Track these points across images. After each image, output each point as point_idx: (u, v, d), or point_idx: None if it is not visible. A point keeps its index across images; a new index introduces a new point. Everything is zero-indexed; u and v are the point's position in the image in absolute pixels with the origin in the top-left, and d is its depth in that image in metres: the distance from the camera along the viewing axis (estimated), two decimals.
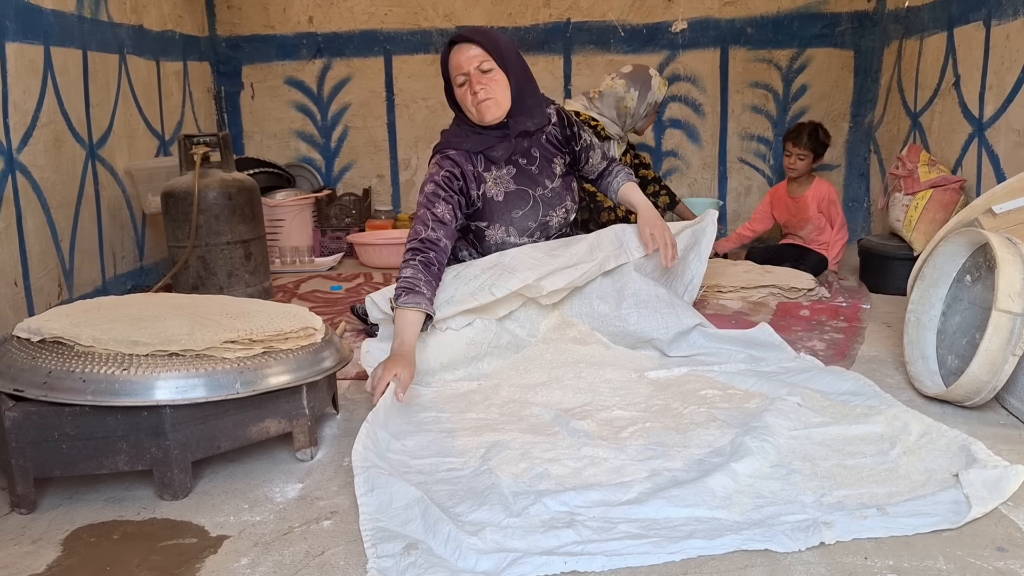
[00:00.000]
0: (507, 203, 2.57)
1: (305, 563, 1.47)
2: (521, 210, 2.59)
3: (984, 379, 1.98)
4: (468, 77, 2.43)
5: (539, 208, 2.61)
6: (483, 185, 2.54)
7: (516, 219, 2.59)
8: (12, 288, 2.67)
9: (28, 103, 2.83)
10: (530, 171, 2.59)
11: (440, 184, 2.45)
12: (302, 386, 1.85)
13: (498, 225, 2.58)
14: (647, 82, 3.63)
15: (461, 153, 2.51)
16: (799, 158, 3.75)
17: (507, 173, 2.56)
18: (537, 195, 2.60)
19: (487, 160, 2.54)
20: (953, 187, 3.25)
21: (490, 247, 2.62)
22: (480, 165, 2.54)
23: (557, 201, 2.65)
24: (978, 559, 1.44)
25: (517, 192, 2.57)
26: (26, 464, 1.66)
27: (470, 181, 2.51)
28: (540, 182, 2.61)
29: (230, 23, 4.63)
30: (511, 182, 2.57)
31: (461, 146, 2.52)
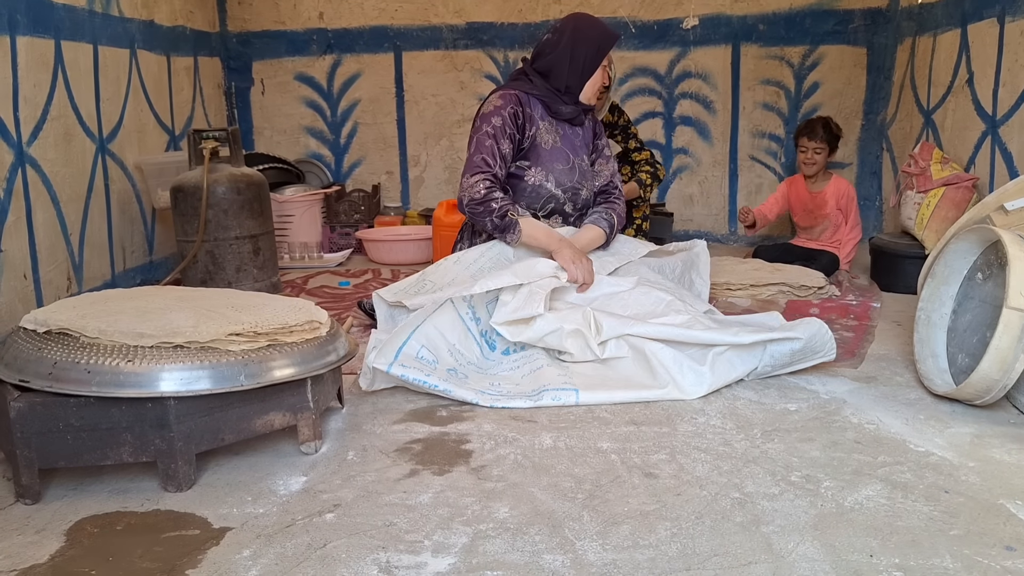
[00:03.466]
0: (552, 154, 2.72)
1: (307, 555, 1.46)
2: (562, 166, 2.74)
3: (995, 377, 1.96)
4: (604, 69, 2.78)
5: (575, 173, 2.77)
6: (536, 130, 2.70)
7: (557, 170, 2.74)
8: (22, 281, 2.68)
9: (38, 97, 2.84)
10: (574, 140, 2.80)
11: (507, 119, 2.62)
12: (306, 379, 1.85)
13: (540, 169, 2.71)
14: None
15: (524, 95, 2.70)
16: (816, 152, 3.74)
17: (557, 131, 2.74)
18: (576, 161, 2.77)
19: (547, 110, 2.73)
20: (966, 185, 3.22)
21: (525, 190, 2.71)
22: (538, 112, 2.71)
23: (589, 177, 2.84)
24: (985, 558, 1.42)
25: (561, 150, 2.74)
26: (31, 454, 1.66)
27: (527, 120, 2.68)
28: (579, 153, 2.79)
29: (241, 19, 4.64)
30: (559, 139, 2.74)
31: (529, 90, 2.72)
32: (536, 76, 2.74)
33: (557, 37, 2.70)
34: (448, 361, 2.29)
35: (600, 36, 2.72)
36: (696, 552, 1.45)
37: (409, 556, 1.46)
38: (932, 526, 1.53)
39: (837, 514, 1.57)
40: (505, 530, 1.54)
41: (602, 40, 2.72)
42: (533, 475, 1.77)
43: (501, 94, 2.69)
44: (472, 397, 2.17)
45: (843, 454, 1.84)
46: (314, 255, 4.23)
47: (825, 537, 1.49)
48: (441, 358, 2.27)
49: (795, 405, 2.14)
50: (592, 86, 2.75)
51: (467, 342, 2.35)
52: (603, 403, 2.17)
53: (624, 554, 1.45)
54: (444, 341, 2.30)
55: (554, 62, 2.70)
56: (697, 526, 1.54)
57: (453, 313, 2.33)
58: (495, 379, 2.31)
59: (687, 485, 1.71)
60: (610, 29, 2.77)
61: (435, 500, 1.66)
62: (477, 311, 2.38)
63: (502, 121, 2.60)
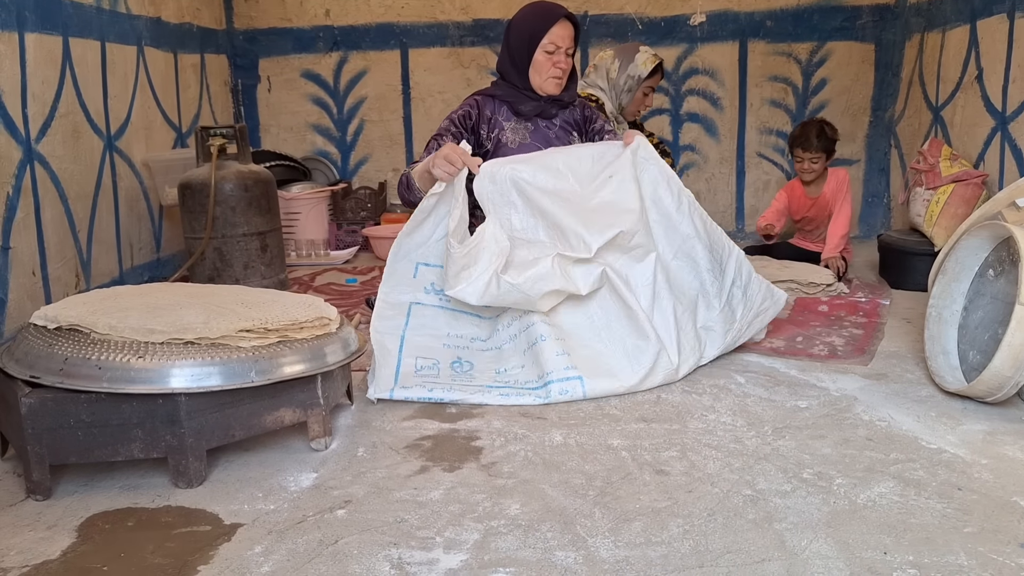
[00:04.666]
0: (520, 151, 2.64)
1: (318, 552, 1.46)
2: None
3: (1007, 374, 1.95)
4: (559, 52, 2.59)
5: None
6: (499, 132, 2.66)
7: None
8: (30, 277, 2.69)
9: (47, 94, 2.84)
10: (548, 134, 2.71)
11: (454, 121, 2.62)
12: (317, 376, 1.84)
13: None
14: (632, 54, 3.45)
15: (486, 98, 2.68)
16: (812, 162, 3.62)
17: (526, 128, 2.69)
18: None
19: (512, 111, 2.68)
20: (975, 182, 3.21)
21: None
22: (501, 114, 2.67)
23: None
24: (1000, 555, 1.41)
25: (531, 146, 2.66)
26: (42, 451, 1.66)
27: (483, 123, 2.66)
28: (554, 144, 2.69)
29: (247, 16, 4.64)
30: (528, 136, 2.69)
31: (492, 93, 2.69)
32: (499, 78, 2.73)
33: (503, 35, 2.69)
34: (448, 356, 2.28)
35: (531, 24, 2.59)
36: (709, 549, 1.45)
37: (421, 552, 1.45)
38: (946, 523, 1.52)
39: (850, 511, 1.57)
40: (516, 527, 1.54)
41: (533, 28, 2.58)
42: (544, 472, 1.76)
43: (464, 100, 2.72)
44: (482, 398, 2.16)
45: (855, 451, 1.83)
46: (321, 252, 4.23)
47: (838, 534, 1.48)
48: (441, 358, 2.26)
49: (805, 402, 2.13)
50: (539, 75, 2.60)
51: (457, 324, 2.32)
52: (608, 393, 2.18)
53: (636, 551, 1.45)
54: (435, 339, 2.29)
55: (501, 61, 2.70)
56: (709, 523, 1.54)
57: (427, 308, 2.30)
58: (500, 358, 2.28)
59: (698, 482, 1.70)
60: (546, 12, 2.60)
61: (446, 497, 1.66)
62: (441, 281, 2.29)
63: (448, 123, 2.63)
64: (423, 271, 2.29)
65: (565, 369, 2.19)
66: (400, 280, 2.29)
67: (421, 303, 2.29)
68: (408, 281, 2.29)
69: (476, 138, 2.65)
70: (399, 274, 2.28)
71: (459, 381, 2.22)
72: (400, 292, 2.29)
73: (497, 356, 2.30)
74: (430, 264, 2.28)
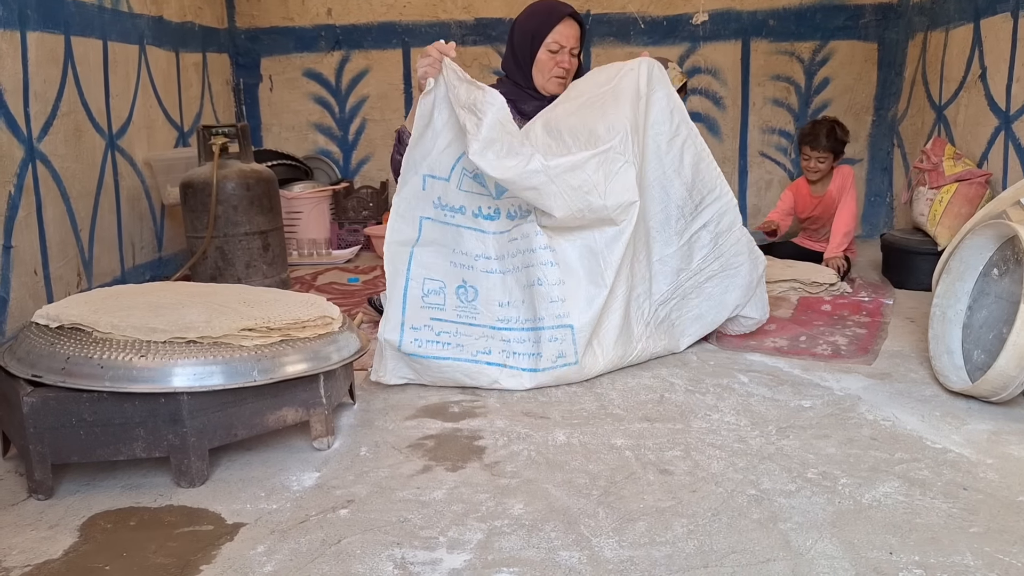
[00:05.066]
0: None
1: (321, 551, 1.46)
2: None
3: (1011, 374, 1.94)
4: (563, 51, 2.55)
5: None
6: None
7: None
8: (32, 276, 2.68)
9: (48, 92, 2.83)
10: None
11: None
12: (319, 375, 1.84)
13: None
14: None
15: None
16: (819, 161, 3.59)
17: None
18: None
19: (516, 110, 2.61)
20: (979, 181, 3.20)
21: None
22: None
23: None
24: (1007, 555, 1.40)
25: None
26: (44, 450, 1.66)
27: None
28: None
29: (249, 15, 4.63)
30: None
31: (505, 88, 2.60)
32: (503, 76, 2.72)
33: (508, 33, 2.68)
34: (454, 278, 2.28)
35: (535, 23, 2.57)
36: (713, 549, 1.44)
37: (424, 552, 1.45)
38: (951, 523, 1.51)
39: (855, 511, 1.56)
40: (520, 526, 1.53)
41: (537, 26, 2.56)
42: (547, 471, 1.76)
43: None
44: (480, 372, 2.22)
45: (859, 451, 1.82)
46: (323, 251, 4.22)
47: (843, 534, 1.48)
48: (447, 280, 2.27)
49: (809, 402, 2.13)
50: (541, 74, 2.58)
51: (462, 240, 2.29)
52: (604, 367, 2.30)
53: (641, 551, 1.44)
54: (441, 256, 2.28)
55: (505, 59, 2.69)
56: (714, 523, 1.53)
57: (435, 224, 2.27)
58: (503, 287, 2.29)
59: (703, 482, 1.69)
60: (550, 10, 2.57)
61: (449, 496, 1.65)
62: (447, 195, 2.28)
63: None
64: (430, 184, 2.26)
65: (558, 317, 2.24)
66: (411, 194, 2.26)
67: (430, 218, 2.27)
68: (418, 194, 2.26)
69: None
70: (410, 186, 2.26)
71: (464, 315, 2.25)
72: (411, 206, 2.26)
73: (501, 283, 2.30)
74: (436, 176, 2.25)
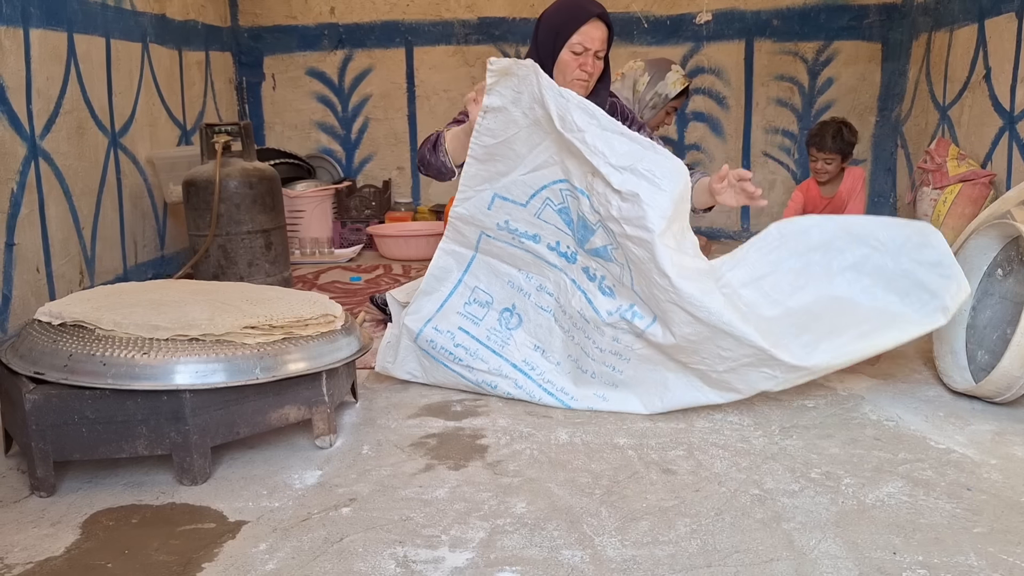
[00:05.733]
0: None
1: (324, 549, 1.45)
2: None
3: (1015, 374, 1.93)
4: (587, 53, 2.45)
5: None
6: None
7: None
8: (34, 274, 2.68)
9: (51, 90, 2.83)
10: None
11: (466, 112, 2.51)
12: (322, 373, 1.84)
13: None
14: (663, 72, 3.46)
15: None
16: (826, 163, 3.54)
17: None
18: None
19: None
20: (983, 181, 3.19)
21: None
22: None
23: None
24: (1011, 556, 1.40)
25: None
26: (46, 447, 1.66)
27: None
28: None
29: (252, 13, 4.63)
30: None
31: None
32: None
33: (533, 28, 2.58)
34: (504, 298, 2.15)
35: (559, 20, 2.45)
36: (717, 549, 1.44)
37: (426, 551, 1.44)
38: (955, 523, 1.51)
39: (859, 511, 1.56)
40: (523, 525, 1.53)
41: (561, 24, 2.44)
42: (550, 470, 1.75)
43: None
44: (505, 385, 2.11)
45: (863, 451, 1.82)
46: (325, 250, 4.22)
47: (847, 534, 1.47)
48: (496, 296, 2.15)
49: (812, 402, 2.12)
50: (563, 75, 2.46)
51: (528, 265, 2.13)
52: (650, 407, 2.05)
53: (644, 550, 1.44)
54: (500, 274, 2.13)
55: (529, 54, 2.59)
56: (717, 522, 1.52)
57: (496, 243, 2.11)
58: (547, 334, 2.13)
59: (706, 481, 1.69)
60: (577, 8, 2.45)
61: (451, 495, 1.65)
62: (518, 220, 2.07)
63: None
64: (499, 204, 2.08)
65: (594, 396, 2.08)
66: (475, 208, 2.10)
67: (491, 236, 2.13)
68: (482, 211, 2.10)
69: None
70: (474, 201, 2.10)
71: (494, 340, 2.13)
72: (472, 218, 2.11)
73: (547, 327, 2.14)
74: (509, 199, 2.08)
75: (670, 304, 1.81)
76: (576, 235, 2.05)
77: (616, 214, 1.87)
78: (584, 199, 1.97)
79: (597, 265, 2.04)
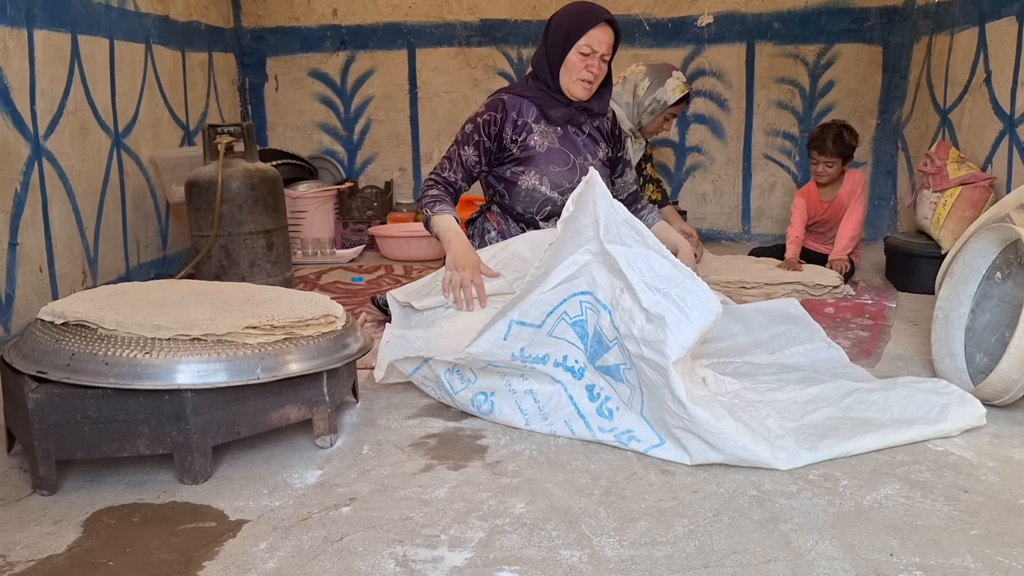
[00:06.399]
0: (548, 156, 2.67)
1: (323, 548, 1.46)
2: (559, 167, 2.68)
3: (1014, 377, 1.94)
4: (594, 55, 2.54)
5: (576, 172, 2.69)
6: (527, 135, 2.64)
7: (553, 172, 2.68)
8: (37, 274, 2.69)
9: (55, 91, 2.85)
10: (576, 140, 2.71)
11: (479, 126, 2.62)
12: (322, 373, 1.85)
13: (534, 172, 2.67)
14: (663, 78, 3.45)
15: (515, 98, 2.65)
16: (827, 166, 3.55)
17: (555, 132, 2.68)
18: (578, 162, 2.70)
19: (541, 114, 2.65)
20: (983, 184, 3.20)
21: (519, 195, 2.69)
22: (531, 116, 2.65)
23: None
24: (1007, 558, 1.41)
25: (560, 151, 2.67)
26: (48, 446, 1.67)
27: (508, 125, 2.62)
28: (583, 153, 2.72)
29: (255, 15, 4.65)
30: (556, 140, 2.68)
31: (522, 93, 2.66)
32: (532, 76, 2.70)
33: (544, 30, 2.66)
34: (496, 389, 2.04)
35: (570, 22, 2.53)
36: (714, 549, 1.45)
37: (426, 550, 1.45)
38: (952, 525, 1.52)
39: (856, 513, 1.56)
40: (522, 525, 1.53)
41: (572, 26, 2.52)
42: (549, 471, 1.76)
43: (489, 100, 2.69)
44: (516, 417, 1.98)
45: (860, 453, 1.82)
46: (327, 251, 4.23)
47: (844, 536, 1.48)
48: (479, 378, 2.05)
49: None
50: (569, 75, 2.56)
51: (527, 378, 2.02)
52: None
53: (642, 551, 1.44)
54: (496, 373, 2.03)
55: (537, 57, 2.67)
56: (715, 523, 1.53)
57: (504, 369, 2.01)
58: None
59: (704, 483, 1.70)
60: (587, 12, 2.53)
61: (451, 495, 1.66)
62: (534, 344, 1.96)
63: (473, 128, 2.63)
64: (516, 331, 1.94)
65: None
66: (491, 339, 1.93)
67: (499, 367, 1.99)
68: (498, 343, 1.93)
69: (499, 143, 2.63)
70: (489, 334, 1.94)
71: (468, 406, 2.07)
72: (488, 352, 1.94)
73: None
74: (526, 323, 1.94)
75: (683, 431, 1.76)
76: (588, 350, 1.96)
77: (637, 333, 1.79)
78: (605, 314, 1.89)
79: (604, 384, 1.95)
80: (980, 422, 1.93)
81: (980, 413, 1.94)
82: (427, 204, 2.54)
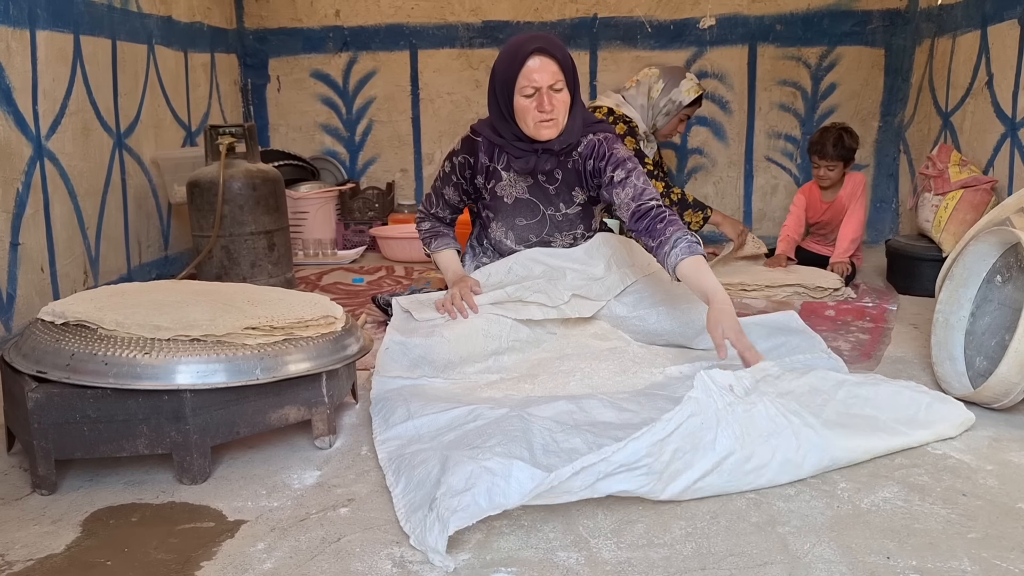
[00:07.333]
0: (515, 208, 2.59)
1: (321, 549, 1.47)
2: (527, 220, 2.61)
3: (1013, 380, 1.94)
4: (539, 92, 2.32)
5: (546, 225, 2.61)
6: (497, 183, 2.57)
7: (519, 226, 2.62)
8: (39, 274, 2.70)
9: (57, 91, 2.85)
10: (547, 190, 2.56)
11: (455, 167, 2.60)
12: (322, 374, 1.85)
13: (500, 224, 2.64)
14: (677, 79, 3.52)
15: (486, 142, 2.54)
16: (828, 170, 3.54)
17: (524, 181, 2.56)
18: (548, 213, 2.60)
19: (511, 167, 2.54)
20: (984, 188, 3.20)
21: (492, 240, 2.69)
22: (501, 163, 2.55)
23: (568, 226, 2.63)
24: (1004, 561, 1.41)
25: (528, 202, 2.57)
26: (48, 445, 1.67)
27: (480, 173, 2.58)
28: (555, 203, 2.57)
29: (258, 16, 4.65)
30: (525, 191, 2.57)
31: (492, 137, 2.50)
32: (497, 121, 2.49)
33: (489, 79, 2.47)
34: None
35: (503, 68, 2.35)
36: (711, 552, 1.45)
37: (423, 552, 1.45)
38: (950, 529, 1.51)
39: (853, 515, 1.56)
40: (519, 527, 1.54)
41: (506, 71, 2.34)
42: None
43: (464, 137, 2.56)
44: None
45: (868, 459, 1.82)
46: (328, 252, 4.24)
47: (841, 538, 1.48)
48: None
49: None
50: (525, 122, 2.36)
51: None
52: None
53: (639, 552, 1.45)
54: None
55: (490, 105, 2.47)
56: (712, 526, 1.53)
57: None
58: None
59: None
60: (514, 50, 2.33)
61: None
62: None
63: (451, 168, 2.59)
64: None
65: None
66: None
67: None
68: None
69: (473, 186, 2.61)
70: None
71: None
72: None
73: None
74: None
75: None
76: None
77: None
78: None
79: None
80: (971, 421, 1.94)
81: (964, 410, 1.95)
82: (424, 241, 2.72)
